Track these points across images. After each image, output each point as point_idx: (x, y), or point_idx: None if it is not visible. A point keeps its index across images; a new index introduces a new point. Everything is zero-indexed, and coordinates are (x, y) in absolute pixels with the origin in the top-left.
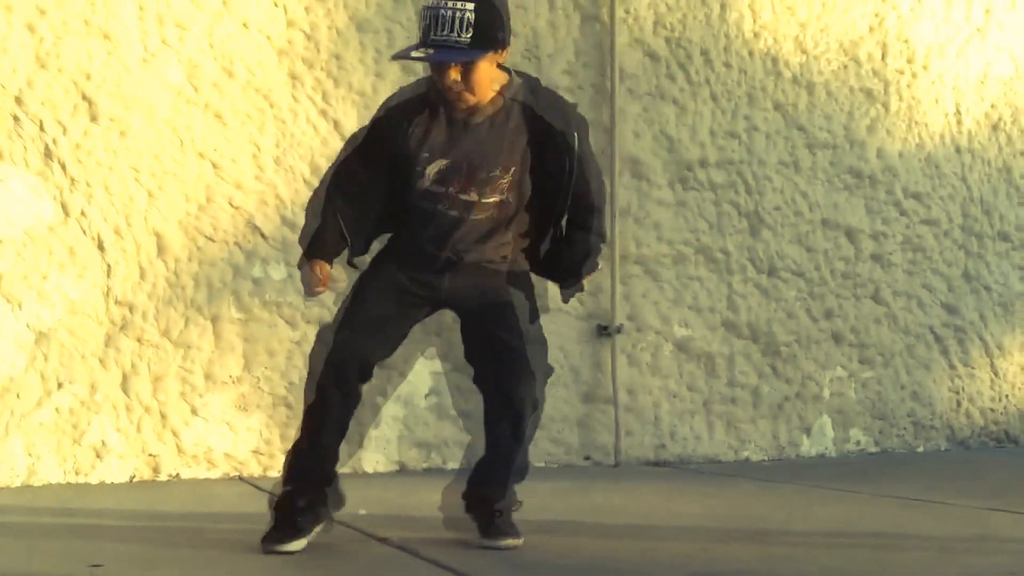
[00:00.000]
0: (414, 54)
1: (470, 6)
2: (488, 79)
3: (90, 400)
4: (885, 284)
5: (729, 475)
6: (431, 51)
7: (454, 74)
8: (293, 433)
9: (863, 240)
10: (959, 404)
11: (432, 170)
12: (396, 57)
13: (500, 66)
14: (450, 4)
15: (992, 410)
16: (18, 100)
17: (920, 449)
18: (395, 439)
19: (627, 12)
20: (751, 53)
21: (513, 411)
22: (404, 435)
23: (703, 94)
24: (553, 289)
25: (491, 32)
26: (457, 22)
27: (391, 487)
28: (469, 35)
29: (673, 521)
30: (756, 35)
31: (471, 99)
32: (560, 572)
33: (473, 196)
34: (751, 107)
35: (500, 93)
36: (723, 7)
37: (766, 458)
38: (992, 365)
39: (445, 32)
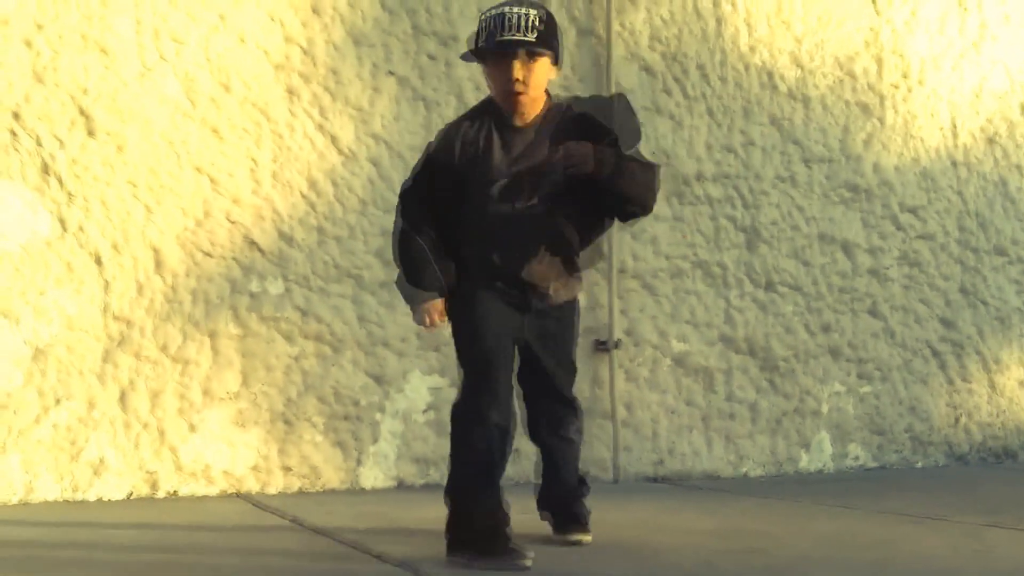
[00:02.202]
0: (483, 46)
1: (534, 11)
2: (543, 85)
3: (88, 416)
4: (882, 298)
5: (727, 491)
6: (501, 46)
7: (519, 71)
8: (291, 449)
9: (860, 254)
10: (957, 419)
11: (497, 187)
12: (464, 58)
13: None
14: (516, 8)
15: (990, 425)
16: (15, 115)
17: (918, 464)
18: (393, 455)
19: (623, 27)
20: (747, 68)
21: None
22: (402, 451)
23: (699, 108)
24: None
25: (552, 38)
26: (524, 24)
27: (389, 503)
28: (535, 35)
29: (672, 537)
30: (752, 49)
31: (527, 100)
32: None
33: (539, 209)
34: (747, 121)
35: (545, 108)
36: (719, 22)
37: (764, 474)
38: (990, 380)
39: (512, 32)
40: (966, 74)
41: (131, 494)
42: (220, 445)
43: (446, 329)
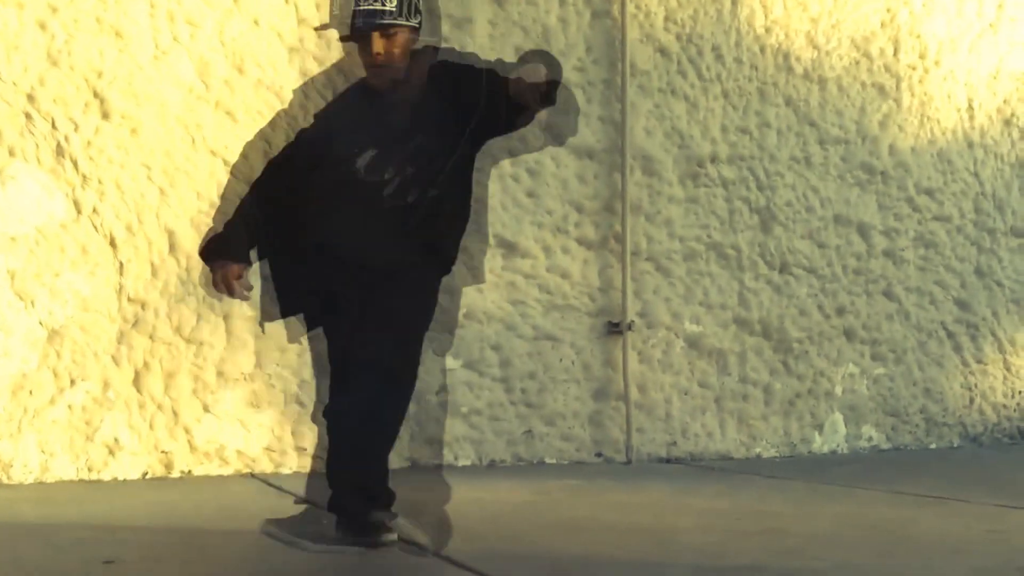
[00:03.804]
0: (334, 23)
1: None
2: (407, 52)
3: (103, 397)
4: (897, 280)
5: (741, 472)
6: (359, 21)
7: (379, 44)
8: (305, 430)
9: (875, 236)
10: (972, 401)
11: (365, 161)
12: (319, 29)
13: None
14: None
15: (1005, 406)
16: (30, 98)
17: (933, 446)
18: (406, 436)
19: (638, 8)
20: (762, 49)
21: None
22: (415, 432)
23: (714, 90)
24: (563, 285)
25: (413, 3)
26: None
27: (402, 483)
28: (394, 4)
29: (685, 518)
30: (767, 31)
31: (391, 71)
32: (572, 568)
33: (398, 176)
34: (762, 103)
35: (412, 73)
36: (734, 3)
37: (778, 455)
38: (1005, 361)
39: (370, 2)
40: (983, 55)
41: (146, 474)
42: (234, 426)
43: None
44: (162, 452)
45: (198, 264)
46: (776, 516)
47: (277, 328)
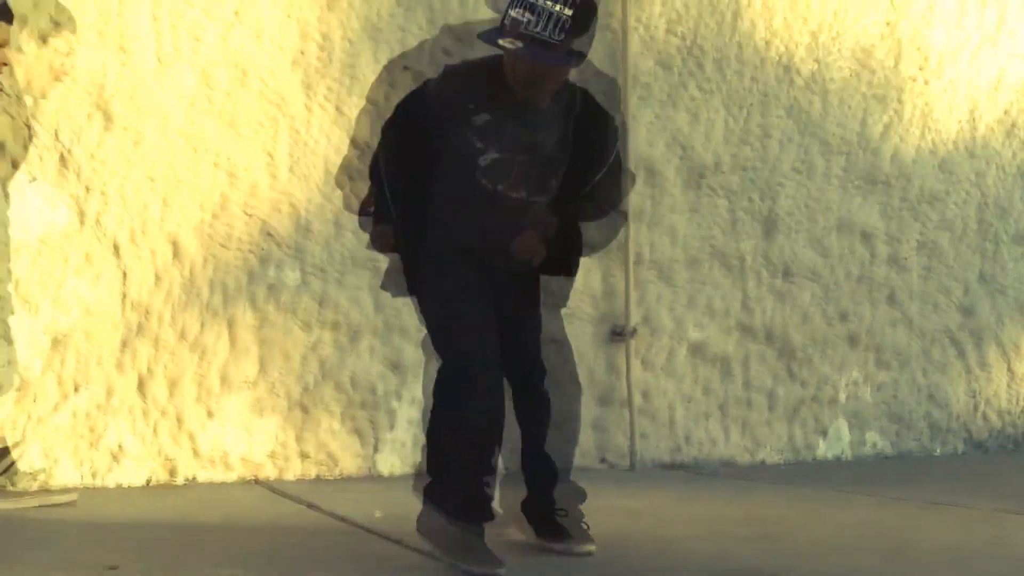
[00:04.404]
0: (502, 42)
1: (568, 11)
2: (559, 83)
3: (106, 404)
4: (900, 287)
5: (745, 478)
6: (521, 45)
7: (535, 72)
8: (309, 436)
9: (878, 244)
10: (976, 407)
11: (486, 161)
12: (481, 38)
13: None
14: (550, 3)
15: (1009, 412)
16: (33, 109)
17: (937, 452)
18: (411, 442)
19: (639, 20)
20: (763, 60)
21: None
22: (419, 438)
23: (716, 100)
24: (566, 286)
25: (580, 38)
26: (554, 22)
27: (406, 489)
28: (562, 38)
29: (689, 524)
30: (768, 42)
31: (537, 98)
32: (575, 574)
33: (522, 194)
34: (764, 113)
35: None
36: (735, 14)
37: (782, 461)
38: (1009, 367)
39: (539, 28)
40: (984, 66)
41: (149, 481)
42: (238, 432)
43: None
44: (166, 458)
45: (201, 272)
46: (780, 522)
47: (280, 335)
